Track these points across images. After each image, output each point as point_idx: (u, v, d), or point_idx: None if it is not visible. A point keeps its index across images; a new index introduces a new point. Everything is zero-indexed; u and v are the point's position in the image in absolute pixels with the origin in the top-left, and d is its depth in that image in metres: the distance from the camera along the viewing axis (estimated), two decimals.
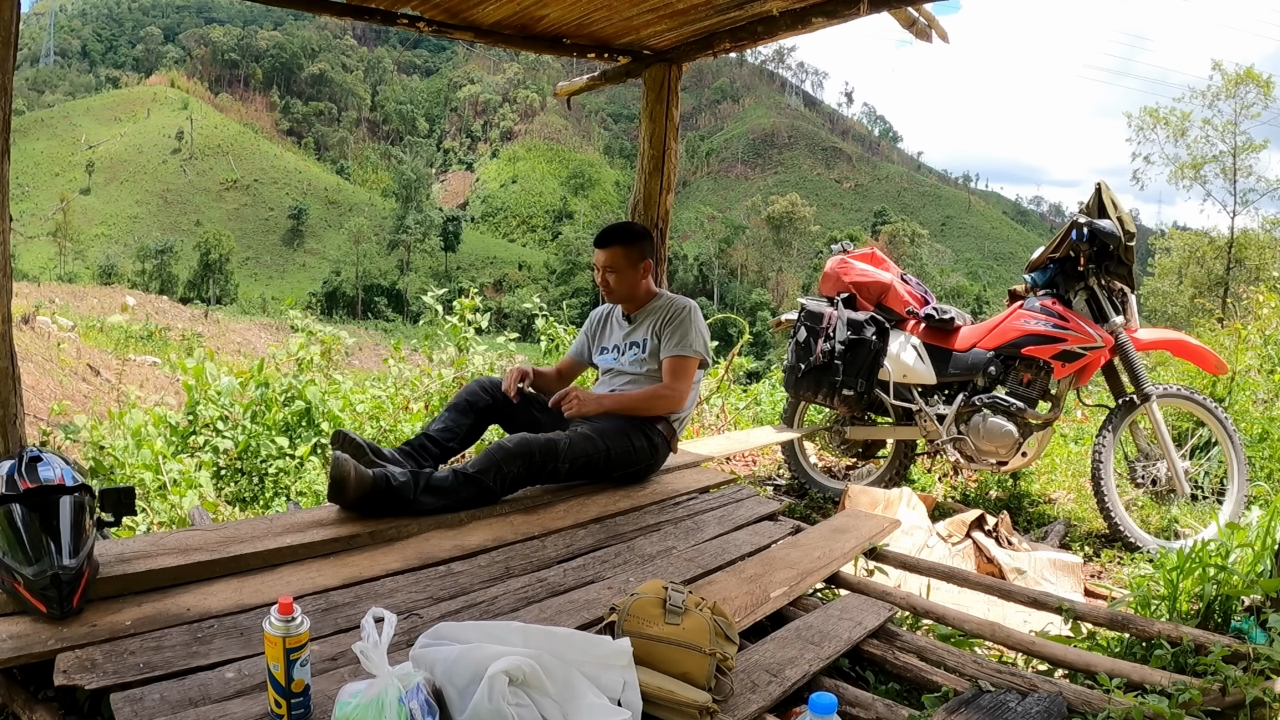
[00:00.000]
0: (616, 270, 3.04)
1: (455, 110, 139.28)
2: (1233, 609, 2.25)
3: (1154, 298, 22.48)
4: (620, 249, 3.04)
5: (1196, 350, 3.52)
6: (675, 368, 2.99)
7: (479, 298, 5.88)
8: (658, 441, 3.03)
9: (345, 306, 78.27)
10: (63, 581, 1.67)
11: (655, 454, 3.04)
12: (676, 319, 3.03)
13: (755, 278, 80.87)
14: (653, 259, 3.15)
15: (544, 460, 2.71)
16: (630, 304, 3.15)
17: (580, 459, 2.81)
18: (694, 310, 3.08)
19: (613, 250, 3.04)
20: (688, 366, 3.00)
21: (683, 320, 3.03)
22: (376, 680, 1.36)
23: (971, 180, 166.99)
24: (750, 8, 3.25)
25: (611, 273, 3.05)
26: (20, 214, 78.67)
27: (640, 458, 2.98)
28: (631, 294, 3.11)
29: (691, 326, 3.02)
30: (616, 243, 3.05)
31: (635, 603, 1.69)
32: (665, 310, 3.07)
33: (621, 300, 3.14)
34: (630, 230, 3.11)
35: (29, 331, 17.57)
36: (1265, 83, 22.59)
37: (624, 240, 3.06)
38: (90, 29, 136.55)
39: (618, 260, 3.04)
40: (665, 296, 3.15)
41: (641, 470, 3.03)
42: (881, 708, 1.74)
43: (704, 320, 3.13)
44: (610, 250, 3.04)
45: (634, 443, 2.95)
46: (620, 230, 3.10)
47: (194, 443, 4.30)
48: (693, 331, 3.01)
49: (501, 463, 2.62)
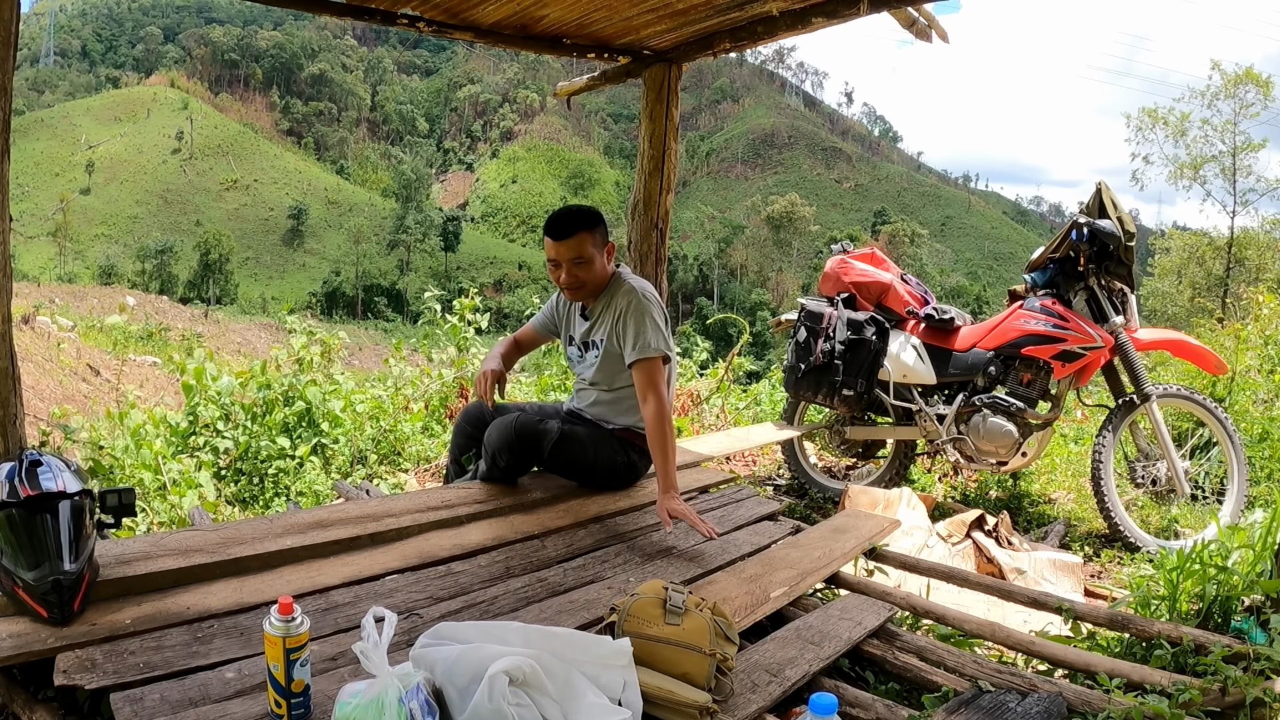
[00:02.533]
0: (587, 260, 2.64)
1: (455, 110, 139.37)
2: (1233, 609, 2.25)
3: (1154, 298, 22.45)
4: (586, 235, 2.62)
5: (1196, 350, 3.52)
6: (643, 377, 2.65)
7: (479, 298, 5.89)
8: (635, 458, 2.96)
9: (345, 306, 78.30)
10: (64, 586, 1.67)
11: (633, 471, 2.99)
12: (626, 317, 2.69)
13: (755, 278, 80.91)
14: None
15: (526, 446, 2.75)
16: (591, 296, 2.78)
17: (567, 456, 2.83)
18: (647, 301, 2.71)
19: (579, 238, 2.62)
20: (653, 369, 2.66)
21: (633, 316, 2.68)
22: (376, 680, 1.36)
23: (971, 180, 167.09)
24: (750, 8, 3.25)
25: (581, 265, 2.64)
26: (20, 214, 78.67)
27: (618, 473, 2.95)
28: (600, 284, 2.73)
29: (645, 321, 2.68)
30: (581, 228, 2.63)
31: (635, 603, 1.69)
32: (617, 307, 2.73)
33: (591, 295, 2.76)
34: (590, 213, 2.69)
35: (29, 331, 17.58)
36: (1264, 82, 22.57)
37: (588, 224, 2.64)
38: (90, 29, 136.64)
39: (585, 249, 2.62)
40: (619, 282, 2.77)
41: (616, 485, 2.98)
42: (881, 708, 1.74)
43: (657, 303, 2.77)
44: (575, 239, 2.62)
45: (616, 459, 2.91)
46: (580, 214, 2.67)
47: (194, 443, 4.30)
48: (647, 327, 2.67)
49: (494, 458, 2.77)
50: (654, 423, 2.61)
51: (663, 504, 2.53)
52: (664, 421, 2.61)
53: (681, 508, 2.50)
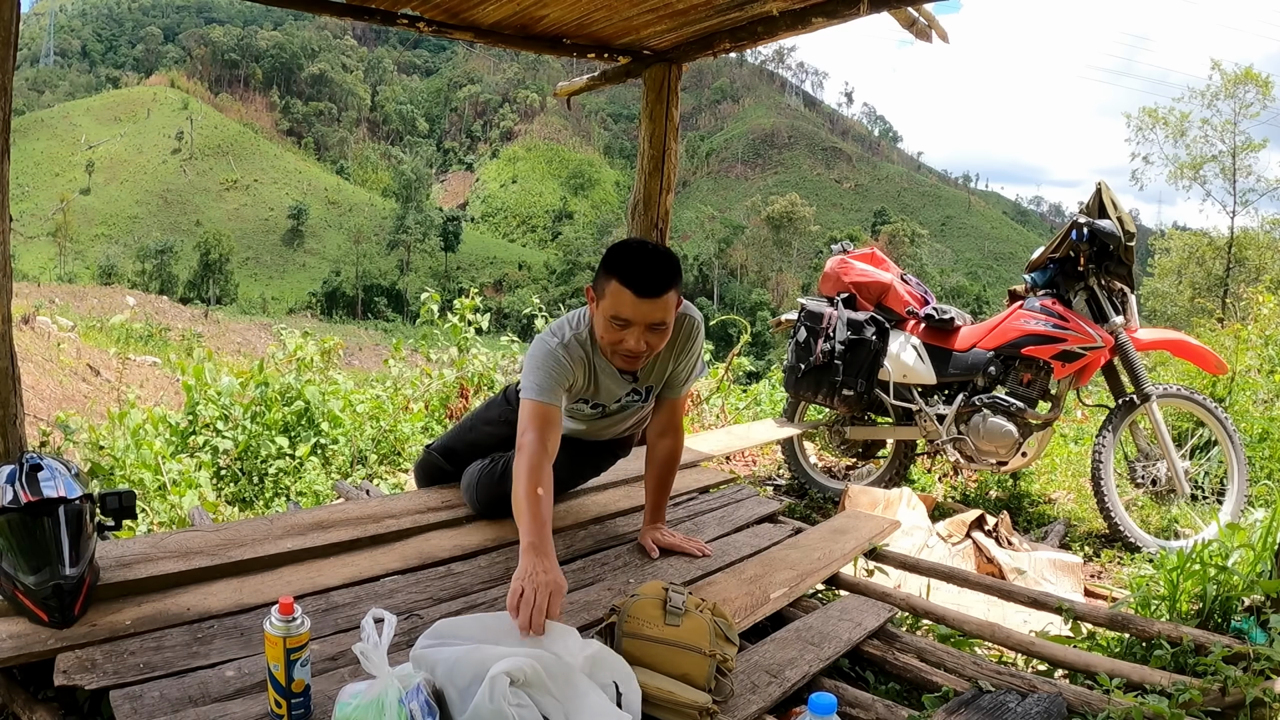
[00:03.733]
0: (667, 324, 2.06)
1: (455, 110, 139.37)
2: (1233, 609, 2.25)
3: (1154, 298, 22.46)
4: (674, 292, 2.03)
5: (1196, 350, 3.53)
6: (679, 407, 2.35)
7: (479, 298, 5.88)
8: (619, 453, 2.88)
9: (345, 306, 78.33)
10: (65, 591, 1.68)
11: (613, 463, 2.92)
12: (692, 346, 2.28)
13: (755, 278, 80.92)
14: None
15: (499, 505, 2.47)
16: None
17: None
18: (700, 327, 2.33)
19: (668, 298, 2.01)
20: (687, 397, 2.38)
21: (697, 343, 2.30)
22: (376, 681, 1.36)
23: (971, 180, 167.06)
24: (750, 8, 3.25)
25: (659, 331, 2.05)
26: (20, 214, 78.68)
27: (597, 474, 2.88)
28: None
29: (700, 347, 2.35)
30: (672, 286, 2.01)
31: (635, 604, 1.69)
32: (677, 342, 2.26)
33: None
34: (675, 261, 2.07)
35: (29, 332, 17.58)
36: (1264, 82, 22.55)
37: (677, 277, 2.04)
38: (90, 29, 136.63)
39: (669, 310, 2.03)
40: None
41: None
42: (881, 708, 1.75)
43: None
44: (665, 299, 2.00)
45: (602, 465, 2.83)
46: (671, 265, 2.03)
47: (194, 443, 4.30)
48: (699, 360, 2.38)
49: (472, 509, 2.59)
50: (672, 458, 2.40)
51: (649, 534, 2.43)
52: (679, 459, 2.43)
53: (670, 539, 2.41)
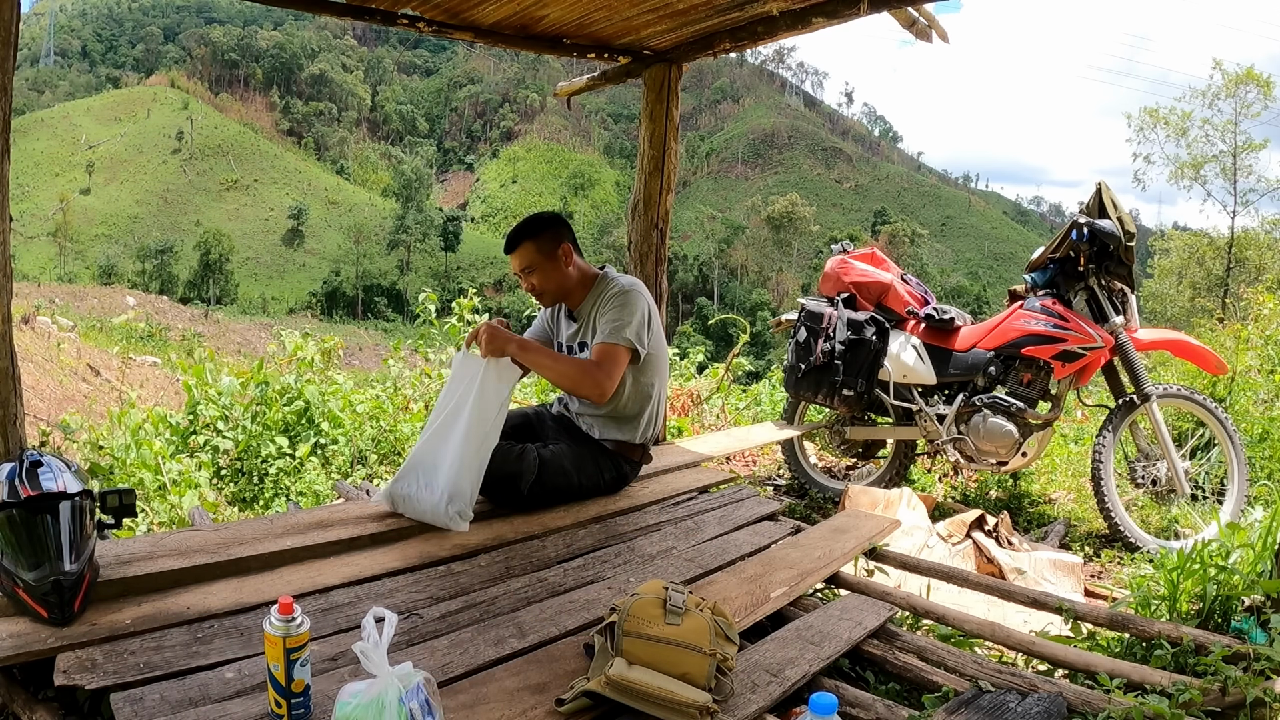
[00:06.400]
0: (535, 268, 2.76)
1: (455, 110, 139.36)
2: (1233, 609, 2.25)
3: (1154, 299, 22.46)
4: (529, 244, 2.76)
5: (1197, 350, 3.52)
6: (600, 355, 2.68)
7: (478, 298, 5.88)
8: (626, 471, 2.94)
9: (345, 306, 78.31)
10: (64, 587, 1.68)
11: (621, 483, 2.96)
12: (610, 304, 2.75)
13: (755, 278, 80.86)
14: (570, 241, 2.82)
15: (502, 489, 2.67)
16: (571, 298, 2.87)
17: (549, 488, 2.73)
18: (633, 294, 2.77)
19: (523, 249, 2.76)
20: (615, 355, 2.67)
21: (614, 304, 2.74)
22: (376, 680, 1.36)
23: (972, 180, 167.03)
24: (750, 8, 3.25)
25: (531, 273, 2.77)
26: (20, 214, 78.67)
27: (604, 489, 2.90)
28: (562, 287, 2.82)
29: (625, 310, 2.71)
30: (524, 239, 2.76)
31: (635, 603, 1.69)
32: (603, 298, 2.79)
33: (557, 299, 2.88)
34: (535, 221, 2.80)
35: (29, 331, 17.57)
36: (1265, 82, 22.56)
37: (530, 234, 2.76)
38: (90, 29, 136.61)
39: (531, 258, 2.76)
40: (608, 279, 2.86)
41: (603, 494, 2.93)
42: (881, 708, 1.74)
43: (649, 305, 2.82)
44: (520, 251, 2.76)
45: (604, 476, 2.87)
46: (524, 226, 2.79)
47: (194, 443, 4.30)
48: (625, 316, 2.70)
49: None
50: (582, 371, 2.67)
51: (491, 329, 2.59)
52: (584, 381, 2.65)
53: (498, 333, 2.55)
